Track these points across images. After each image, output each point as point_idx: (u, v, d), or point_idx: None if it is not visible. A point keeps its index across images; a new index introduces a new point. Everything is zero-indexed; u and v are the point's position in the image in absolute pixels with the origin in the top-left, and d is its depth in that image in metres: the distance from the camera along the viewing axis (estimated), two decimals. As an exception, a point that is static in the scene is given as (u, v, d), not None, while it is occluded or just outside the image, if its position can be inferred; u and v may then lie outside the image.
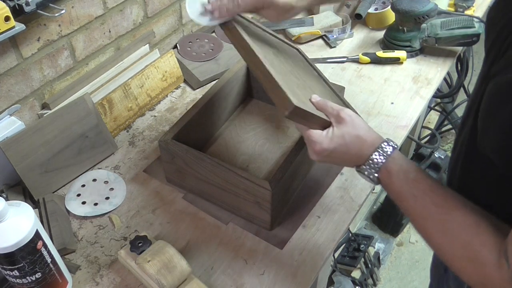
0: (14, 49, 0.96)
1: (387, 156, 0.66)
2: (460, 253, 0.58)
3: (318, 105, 0.73)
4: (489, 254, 0.54)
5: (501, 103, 0.52)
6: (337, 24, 1.42)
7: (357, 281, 1.76)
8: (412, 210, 0.63)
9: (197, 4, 0.83)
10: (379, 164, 0.66)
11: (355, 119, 0.70)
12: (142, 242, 0.85)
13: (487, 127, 0.55)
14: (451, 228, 0.58)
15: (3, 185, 0.98)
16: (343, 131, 0.69)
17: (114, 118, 1.12)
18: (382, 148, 0.67)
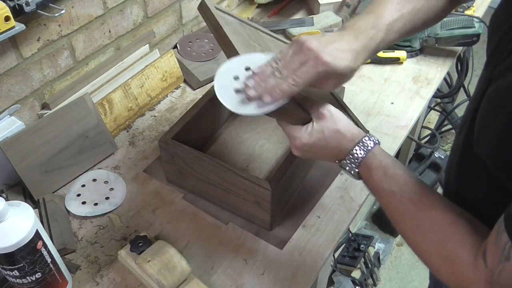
0: (14, 49, 0.96)
1: (367, 151, 0.66)
2: (435, 251, 0.58)
3: (299, 99, 0.72)
4: (465, 254, 0.55)
5: (498, 107, 0.52)
6: (337, 24, 1.42)
7: (357, 281, 1.76)
8: (389, 206, 0.64)
9: (230, 92, 0.70)
10: (359, 159, 0.66)
11: (335, 114, 0.69)
12: (142, 242, 0.85)
13: (483, 130, 0.55)
14: (427, 226, 0.59)
15: (3, 185, 0.98)
16: (322, 126, 0.68)
17: (114, 118, 1.12)
18: (363, 142, 0.67)
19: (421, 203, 0.60)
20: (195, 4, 1.37)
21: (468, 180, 0.67)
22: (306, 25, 1.41)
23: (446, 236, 0.57)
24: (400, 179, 0.63)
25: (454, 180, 0.71)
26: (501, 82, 0.53)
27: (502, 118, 0.50)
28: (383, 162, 0.65)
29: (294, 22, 1.43)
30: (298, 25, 1.41)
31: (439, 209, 0.59)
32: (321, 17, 1.44)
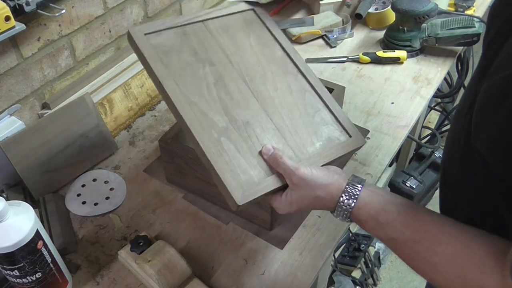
0: (14, 49, 0.96)
1: (355, 199, 0.64)
2: (457, 285, 0.56)
3: (269, 161, 0.70)
4: (490, 280, 0.52)
5: (497, 101, 0.51)
6: (337, 24, 1.42)
7: (357, 281, 1.76)
8: (396, 251, 0.62)
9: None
10: (348, 210, 0.64)
11: (310, 181, 0.66)
12: (142, 242, 0.85)
13: (482, 125, 0.54)
14: (441, 263, 0.56)
15: (3, 185, 0.98)
16: (299, 195, 0.67)
17: (114, 118, 1.12)
18: (349, 192, 0.64)
19: (427, 241, 0.58)
20: (195, 4, 1.37)
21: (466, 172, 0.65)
22: (306, 25, 1.41)
23: (463, 268, 0.54)
24: (395, 224, 0.60)
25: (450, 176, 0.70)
26: (498, 76, 0.52)
27: (502, 112, 0.50)
28: (371, 212, 0.62)
29: (294, 22, 1.43)
30: (298, 25, 1.41)
31: (445, 242, 0.57)
32: (321, 17, 1.44)
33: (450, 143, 0.70)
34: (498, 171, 0.54)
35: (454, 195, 0.62)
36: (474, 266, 0.54)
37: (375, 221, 0.62)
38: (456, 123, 0.69)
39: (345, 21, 1.43)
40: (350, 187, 0.65)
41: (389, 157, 1.06)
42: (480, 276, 0.53)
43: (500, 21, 0.58)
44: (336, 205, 0.65)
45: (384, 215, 0.61)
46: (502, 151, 0.51)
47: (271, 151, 0.70)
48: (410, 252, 0.59)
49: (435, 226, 0.58)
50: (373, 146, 1.08)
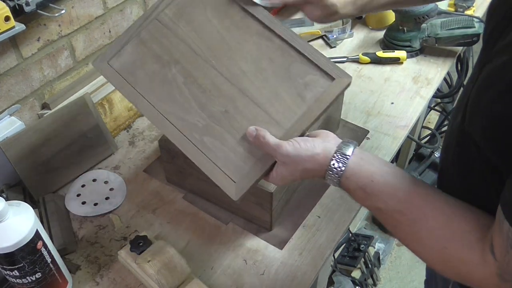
0: (14, 49, 0.96)
1: (344, 164, 0.63)
2: (437, 258, 0.57)
3: (254, 144, 0.69)
4: (469, 254, 0.54)
5: (489, 86, 0.52)
6: (337, 24, 1.42)
7: (357, 281, 1.76)
8: (383, 221, 0.63)
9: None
10: (339, 173, 0.64)
11: (293, 157, 0.65)
12: (142, 242, 0.85)
13: (475, 110, 0.55)
14: (423, 236, 0.58)
15: (3, 185, 0.98)
16: (288, 170, 0.67)
17: (114, 118, 1.12)
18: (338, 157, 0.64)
19: (412, 213, 0.59)
20: (195, 4, 1.37)
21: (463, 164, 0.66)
22: (306, 25, 1.41)
23: (445, 241, 0.56)
24: (381, 194, 0.61)
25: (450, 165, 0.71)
26: (493, 63, 0.53)
27: (492, 97, 0.51)
28: (359, 182, 0.63)
29: (294, 22, 1.43)
30: (298, 25, 1.41)
31: (430, 214, 0.58)
32: (321, 17, 1.44)
33: (447, 139, 0.71)
34: (491, 157, 0.54)
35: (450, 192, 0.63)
36: (455, 240, 0.55)
37: (362, 191, 0.62)
38: (454, 118, 0.69)
39: (344, 21, 1.43)
40: (339, 155, 0.64)
41: (389, 157, 1.06)
42: (461, 250, 0.54)
43: (498, 17, 0.58)
44: (326, 171, 0.65)
45: (371, 186, 0.61)
46: (492, 135, 0.52)
47: (254, 132, 0.68)
48: (395, 223, 0.60)
49: (421, 198, 0.59)
50: (373, 146, 1.08)
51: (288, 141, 0.66)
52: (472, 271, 0.54)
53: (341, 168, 0.63)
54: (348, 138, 0.68)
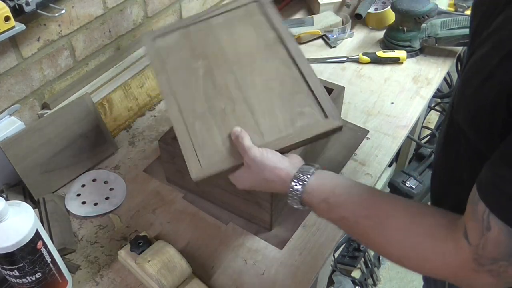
0: (14, 49, 0.96)
1: (304, 184, 0.66)
2: (410, 256, 0.58)
3: (234, 140, 0.73)
4: (442, 245, 0.54)
5: (474, 74, 0.53)
6: (337, 24, 1.42)
7: (357, 281, 1.76)
8: (348, 230, 0.64)
9: None
10: (297, 195, 0.66)
11: (258, 162, 0.69)
12: (142, 242, 0.85)
13: (461, 98, 0.56)
14: (392, 236, 0.58)
15: (3, 185, 0.98)
16: (249, 174, 0.71)
17: (114, 118, 1.12)
18: (298, 178, 0.67)
19: (378, 216, 0.60)
20: (195, 4, 1.37)
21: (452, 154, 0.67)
22: (306, 25, 1.41)
23: (416, 238, 0.57)
24: (346, 204, 0.62)
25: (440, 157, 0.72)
26: (476, 54, 0.55)
27: (476, 84, 0.52)
28: (321, 196, 0.64)
29: (294, 22, 1.43)
30: (298, 25, 1.41)
31: (397, 215, 0.59)
32: (321, 17, 1.44)
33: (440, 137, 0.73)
34: (477, 143, 0.55)
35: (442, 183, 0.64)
36: (426, 235, 0.56)
37: (326, 204, 0.64)
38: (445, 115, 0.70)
39: (344, 21, 1.43)
40: (300, 174, 0.67)
41: (389, 157, 1.06)
42: (434, 244, 0.55)
43: (483, 11, 0.59)
44: (287, 190, 0.67)
45: (334, 197, 0.63)
46: (477, 121, 0.53)
47: (238, 132, 0.72)
48: (362, 229, 0.61)
49: (385, 202, 0.60)
50: (373, 146, 1.08)
51: (259, 148, 0.70)
52: (449, 262, 0.54)
53: (302, 186, 0.66)
54: (348, 138, 0.69)
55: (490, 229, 0.49)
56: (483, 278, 0.52)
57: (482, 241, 0.50)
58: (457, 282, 0.56)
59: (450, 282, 0.58)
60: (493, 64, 0.50)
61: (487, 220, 0.49)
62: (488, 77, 0.50)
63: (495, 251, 0.50)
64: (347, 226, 0.63)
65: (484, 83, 0.51)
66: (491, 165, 0.50)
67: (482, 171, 0.51)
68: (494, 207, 0.48)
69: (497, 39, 0.51)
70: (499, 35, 0.51)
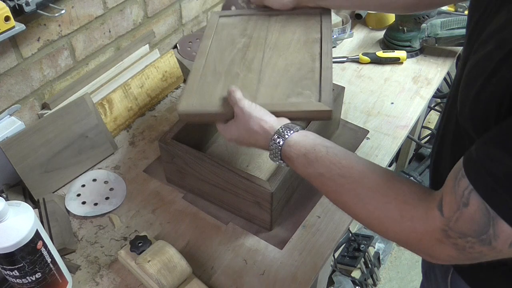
0: (14, 49, 0.96)
1: (284, 139, 0.69)
2: (378, 215, 0.58)
3: (228, 95, 0.78)
4: (413, 210, 0.55)
5: (477, 76, 0.53)
6: (337, 24, 1.42)
7: (357, 281, 1.76)
8: (323, 187, 0.65)
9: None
10: (278, 148, 0.69)
11: (246, 112, 0.73)
12: (142, 242, 0.85)
13: (465, 101, 0.56)
14: (364, 194, 0.59)
15: (3, 185, 0.98)
16: (237, 124, 0.75)
17: (114, 118, 1.12)
18: (280, 132, 0.70)
19: (352, 175, 0.61)
20: (195, 4, 1.37)
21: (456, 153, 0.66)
22: (306, 25, 1.41)
23: (386, 198, 0.57)
24: (324, 160, 0.64)
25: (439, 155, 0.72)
26: (478, 53, 0.54)
27: (480, 86, 0.52)
28: (302, 150, 0.67)
29: (294, 22, 1.43)
30: (298, 25, 1.41)
31: (371, 175, 0.60)
32: (321, 17, 1.43)
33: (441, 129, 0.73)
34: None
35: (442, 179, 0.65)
36: (397, 198, 0.56)
37: (305, 158, 0.66)
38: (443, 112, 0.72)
39: (344, 21, 1.43)
40: (283, 128, 0.70)
41: (389, 157, 1.06)
42: (404, 207, 0.55)
43: (480, 9, 0.59)
44: (269, 143, 0.70)
45: (314, 153, 0.65)
46: (482, 123, 0.53)
47: (233, 88, 0.78)
48: (336, 186, 0.62)
49: (362, 164, 0.62)
50: (373, 146, 1.08)
51: (248, 101, 0.75)
52: (415, 226, 0.54)
53: (282, 140, 0.69)
54: (348, 138, 0.70)
55: (468, 205, 0.49)
56: (446, 250, 0.53)
57: (456, 214, 0.51)
58: (418, 250, 0.56)
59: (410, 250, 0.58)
60: (496, 61, 0.49)
61: (467, 197, 0.49)
62: (492, 75, 0.50)
63: (467, 227, 0.50)
64: (322, 183, 0.64)
65: (488, 81, 0.50)
66: (482, 144, 0.49)
67: (472, 147, 0.51)
68: (478, 185, 0.48)
69: (501, 38, 0.51)
70: (502, 34, 0.51)
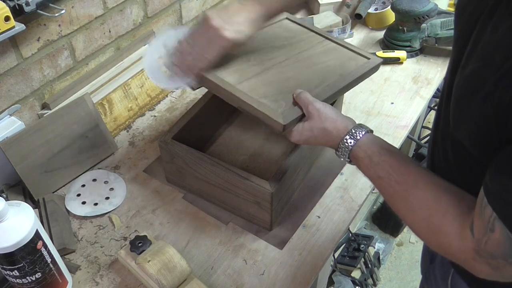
0: (14, 49, 0.96)
1: (356, 140, 0.72)
2: (423, 226, 0.62)
3: (296, 99, 0.80)
4: (449, 226, 0.59)
5: (470, 94, 0.54)
6: (337, 24, 1.42)
7: (357, 281, 1.76)
8: (381, 190, 0.69)
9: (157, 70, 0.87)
10: (348, 148, 0.72)
11: (322, 113, 0.76)
12: (142, 242, 0.85)
13: (459, 117, 0.58)
14: (413, 203, 0.63)
15: (3, 185, 0.98)
16: (311, 125, 0.77)
17: (114, 118, 1.12)
18: (351, 133, 0.73)
19: (407, 183, 0.65)
20: (195, 4, 1.37)
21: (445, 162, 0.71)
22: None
23: (430, 211, 0.61)
24: (385, 165, 0.67)
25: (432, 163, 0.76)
26: (469, 68, 0.56)
27: (475, 104, 0.54)
28: (368, 152, 0.70)
29: (294, 22, 1.43)
30: (298, 25, 1.41)
31: (423, 187, 0.63)
32: (321, 17, 1.44)
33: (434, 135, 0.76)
34: (479, 158, 0.58)
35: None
36: (439, 211, 0.60)
37: (369, 160, 0.70)
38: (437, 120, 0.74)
39: (344, 21, 1.43)
40: (355, 129, 0.73)
41: (389, 157, 1.06)
42: (442, 221, 0.60)
43: (466, 14, 0.60)
44: (340, 142, 0.73)
45: (378, 157, 0.69)
46: (481, 140, 0.55)
47: (299, 90, 0.81)
48: (392, 191, 0.66)
49: (418, 174, 0.65)
50: (373, 146, 1.08)
51: (319, 102, 0.78)
52: (452, 243, 0.58)
53: (354, 142, 0.72)
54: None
55: (494, 231, 0.52)
56: (482, 267, 0.56)
57: (485, 238, 0.54)
58: (460, 263, 0.60)
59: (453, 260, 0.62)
60: (490, 83, 0.51)
61: (492, 223, 0.52)
62: (487, 97, 0.51)
63: (496, 250, 0.53)
64: (381, 185, 0.68)
65: (483, 104, 0.52)
66: (494, 174, 0.52)
67: (486, 175, 0.53)
68: (500, 214, 0.51)
69: (488, 56, 0.52)
70: (487, 51, 0.52)
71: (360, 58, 0.98)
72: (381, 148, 0.70)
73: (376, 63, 0.97)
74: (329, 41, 1.02)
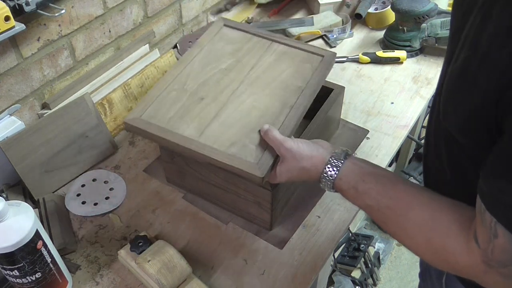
0: (14, 49, 0.96)
1: (337, 168, 0.70)
2: (425, 248, 0.60)
3: (264, 137, 0.78)
4: (453, 243, 0.57)
5: (459, 88, 0.54)
6: (337, 24, 1.42)
7: (357, 281, 1.76)
8: (373, 217, 0.67)
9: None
10: (330, 180, 0.70)
11: (296, 153, 0.73)
12: (142, 242, 0.85)
13: (449, 105, 0.57)
14: (410, 228, 0.61)
15: (3, 185, 0.98)
16: (287, 167, 0.75)
17: (114, 118, 1.12)
18: (331, 162, 0.70)
19: (399, 208, 0.63)
20: (195, 4, 1.37)
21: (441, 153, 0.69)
22: (306, 25, 1.41)
23: (430, 233, 0.59)
24: (372, 192, 0.65)
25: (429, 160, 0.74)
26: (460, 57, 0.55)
27: (464, 92, 0.53)
28: (352, 182, 0.68)
29: (294, 22, 1.43)
30: (298, 25, 1.41)
31: (416, 208, 0.61)
32: (321, 17, 1.44)
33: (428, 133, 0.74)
34: (468, 147, 0.57)
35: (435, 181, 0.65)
36: (440, 231, 0.58)
37: (355, 191, 0.67)
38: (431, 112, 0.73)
39: (344, 21, 1.43)
40: (332, 158, 0.71)
41: (389, 157, 1.06)
42: (445, 240, 0.57)
43: (462, 10, 0.60)
44: (321, 175, 0.71)
45: (363, 185, 0.66)
46: (468, 128, 0.55)
47: (266, 127, 0.78)
48: (384, 218, 0.64)
49: (409, 195, 0.63)
50: (373, 146, 1.08)
51: (291, 139, 0.75)
52: (459, 260, 0.56)
53: (335, 172, 0.69)
54: (348, 138, 0.71)
55: (498, 237, 0.51)
56: (493, 278, 0.54)
57: (491, 246, 0.52)
58: (470, 278, 0.58)
59: (464, 277, 0.60)
60: (474, 69, 0.51)
61: (495, 228, 0.51)
62: (472, 84, 0.51)
63: (503, 257, 0.52)
64: (372, 214, 0.66)
65: (470, 90, 0.52)
66: (487, 177, 0.51)
67: (480, 180, 0.52)
68: (500, 217, 0.50)
69: (477, 44, 0.52)
70: (473, 38, 0.53)
71: (314, 58, 0.95)
72: (364, 175, 0.67)
73: (331, 59, 0.94)
74: (276, 43, 0.98)
